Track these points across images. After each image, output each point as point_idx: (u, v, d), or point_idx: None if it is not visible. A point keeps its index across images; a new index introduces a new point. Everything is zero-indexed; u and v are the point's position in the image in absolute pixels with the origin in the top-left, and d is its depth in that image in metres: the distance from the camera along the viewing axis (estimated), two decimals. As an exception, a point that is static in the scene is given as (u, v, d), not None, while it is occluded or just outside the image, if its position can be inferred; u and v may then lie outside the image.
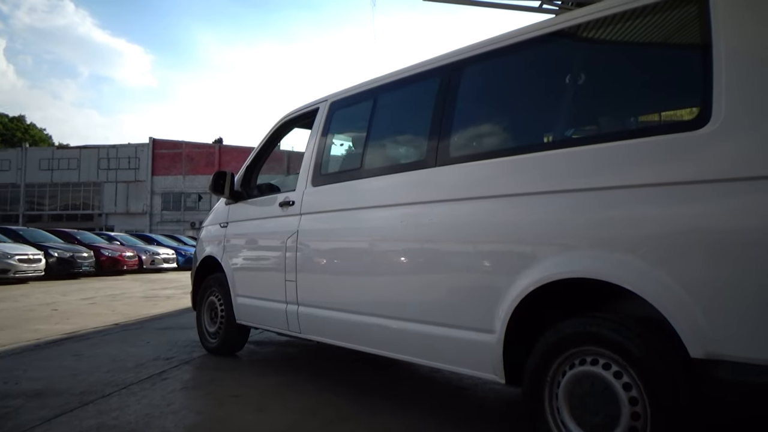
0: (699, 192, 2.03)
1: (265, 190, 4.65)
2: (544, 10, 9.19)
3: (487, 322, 2.60)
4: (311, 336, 3.78)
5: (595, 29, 2.55)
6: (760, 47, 2.00)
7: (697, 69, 2.15)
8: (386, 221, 3.20)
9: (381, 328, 3.15)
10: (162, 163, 49.58)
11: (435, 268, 2.91)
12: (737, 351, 1.89)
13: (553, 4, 9.20)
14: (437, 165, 2.98)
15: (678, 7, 2.27)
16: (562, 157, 2.44)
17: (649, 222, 2.13)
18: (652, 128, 2.34)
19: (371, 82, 3.70)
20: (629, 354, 2.10)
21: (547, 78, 2.74)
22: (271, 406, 3.40)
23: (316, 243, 3.75)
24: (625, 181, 2.22)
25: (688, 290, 2.00)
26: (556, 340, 2.34)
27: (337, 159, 4.01)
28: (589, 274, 2.26)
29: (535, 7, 9.06)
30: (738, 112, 1.99)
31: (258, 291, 4.32)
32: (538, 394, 2.39)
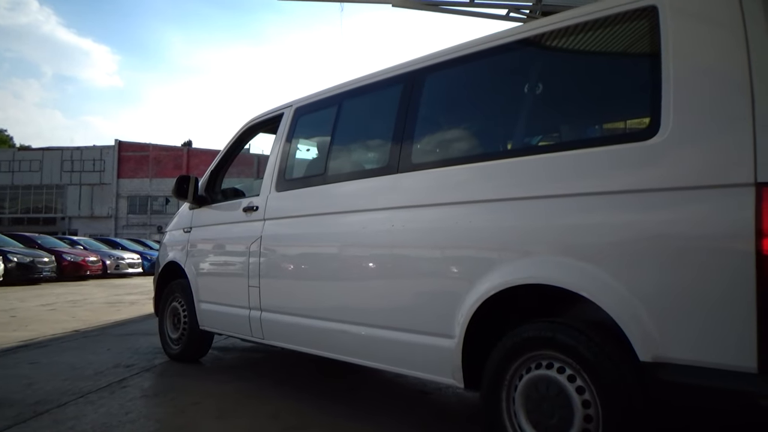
0: (647, 201, 2.09)
1: (230, 195, 4.62)
2: (511, 18, 9.33)
3: (447, 327, 2.63)
4: (274, 342, 3.76)
5: (552, 40, 2.60)
6: (706, 61, 2.08)
7: (648, 81, 2.22)
8: (349, 227, 3.21)
9: (343, 334, 3.16)
10: (128, 166, 48.66)
11: (396, 273, 2.93)
12: (681, 354, 1.95)
13: (521, 13, 9.35)
14: (399, 171, 3.00)
15: (631, 20, 2.35)
16: (519, 166, 2.49)
17: (601, 229, 2.19)
18: (607, 138, 2.41)
19: (335, 88, 3.71)
20: (582, 358, 2.15)
21: (505, 87, 2.79)
22: (232, 413, 3.37)
23: (279, 248, 3.73)
24: (579, 190, 2.27)
25: (637, 296, 2.06)
26: (513, 344, 2.38)
27: (301, 164, 4.00)
28: (543, 280, 2.30)
29: (502, 16, 9.19)
30: (684, 124, 2.06)
31: (221, 297, 4.28)
32: (496, 397, 2.42)
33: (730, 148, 1.94)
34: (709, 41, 2.10)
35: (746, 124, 1.91)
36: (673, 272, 2.00)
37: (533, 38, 2.63)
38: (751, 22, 1.98)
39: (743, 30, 1.99)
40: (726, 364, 1.87)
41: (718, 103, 2.01)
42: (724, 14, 2.05)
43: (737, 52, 1.98)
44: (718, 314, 1.89)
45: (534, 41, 2.64)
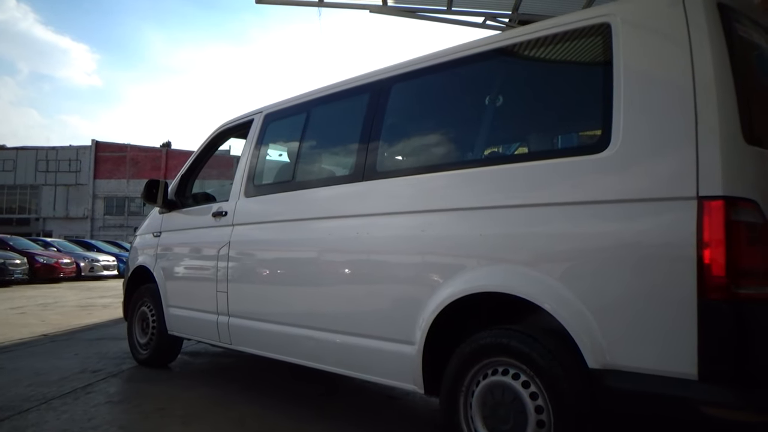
0: (597, 213, 2.16)
1: (201, 200, 4.61)
2: (487, 26, 9.41)
3: (409, 334, 2.67)
4: (241, 348, 3.77)
5: (511, 54, 2.67)
6: (654, 78, 2.15)
7: (601, 95, 2.28)
8: (315, 234, 3.24)
9: (308, 340, 3.19)
10: (105, 167, 48.01)
11: (360, 281, 2.97)
12: (627, 361, 2.02)
13: (497, 21, 9.44)
14: (365, 179, 3.04)
15: (586, 36, 2.42)
16: (476, 176, 2.55)
17: (553, 240, 2.25)
18: (561, 151, 2.48)
19: (305, 95, 3.74)
20: (535, 364, 2.21)
21: (465, 99, 2.85)
22: (197, 419, 3.37)
23: (246, 254, 3.75)
24: (533, 201, 2.34)
25: (586, 305, 2.12)
26: (470, 351, 2.43)
27: (269, 171, 4.02)
28: (498, 289, 2.36)
29: (479, 23, 9.28)
30: (633, 138, 2.13)
31: (190, 302, 4.27)
32: (454, 403, 2.47)
33: (675, 162, 2.02)
34: (657, 58, 2.17)
35: (690, 139, 1.98)
36: (620, 282, 2.07)
37: (492, 52, 2.70)
38: (696, 41, 2.06)
39: (689, 48, 2.06)
40: (669, 371, 1.94)
41: (665, 119, 2.08)
42: (672, 34, 2.13)
43: (683, 70, 2.06)
44: (661, 323, 1.96)
45: (493, 55, 2.70)
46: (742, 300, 1.87)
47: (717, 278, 1.87)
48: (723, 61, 2.03)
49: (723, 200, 1.90)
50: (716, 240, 1.89)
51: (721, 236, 1.88)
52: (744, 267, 1.88)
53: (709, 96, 1.99)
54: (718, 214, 1.90)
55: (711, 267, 1.88)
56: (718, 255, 1.88)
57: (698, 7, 2.09)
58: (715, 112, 1.96)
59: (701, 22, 2.07)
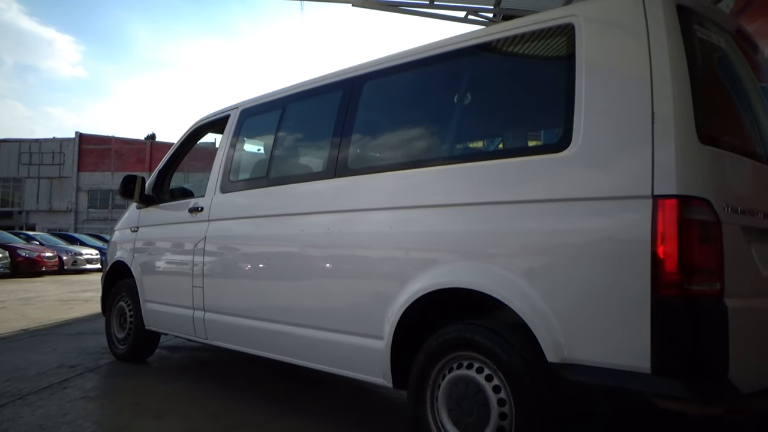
0: (558, 210, 2.21)
1: (178, 195, 4.63)
2: (470, 21, 9.43)
3: (378, 329, 2.72)
4: (217, 342, 3.80)
5: (478, 53, 2.71)
6: (614, 79, 2.20)
7: (564, 95, 2.32)
8: (288, 230, 3.27)
9: (281, 335, 3.23)
10: (89, 159, 47.54)
11: (331, 276, 3.01)
12: (584, 355, 2.08)
13: (480, 16, 9.47)
14: (336, 176, 3.08)
15: (551, 36, 2.46)
16: (443, 174, 2.60)
17: (516, 237, 2.31)
18: (524, 149, 2.53)
19: (280, 91, 3.76)
20: (498, 358, 2.26)
21: (433, 98, 2.89)
22: (171, 414, 3.40)
23: (222, 250, 3.77)
24: (497, 198, 2.39)
25: (547, 300, 2.17)
26: (436, 345, 2.48)
27: (245, 166, 4.04)
28: (463, 285, 2.41)
29: (461, 18, 9.30)
30: (593, 138, 2.18)
31: (166, 297, 4.29)
32: (421, 396, 2.52)
33: (632, 161, 2.07)
34: (617, 59, 2.22)
35: (646, 139, 2.04)
36: (578, 279, 2.12)
37: (460, 51, 2.74)
38: (654, 42, 2.11)
39: (647, 50, 2.11)
40: (623, 365, 2.00)
41: (624, 119, 2.13)
42: (631, 36, 2.18)
43: (642, 71, 2.11)
44: (617, 318, 2.02)
45: (460, 54, 2.74)
46: (694, 296, 1.93)
47: (670, 275, 1.93)
48: (680, 63, 2.08)
49: (676, 199, 1.95)
50: (669, 238, 1.95)
51: (674, 234, 1.94)
52: (695, 264, 1.94)
53: (665, 97, 2.04)
54: (671, 213, 1.95)
55: (664, 264, 1.94)
56: (670, 253, 1.94)
57: (658, 9, 2.14)
58: (671, 112, 2.02)
59: (660, 24, 2.12)
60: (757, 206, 2.23)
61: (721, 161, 2.13)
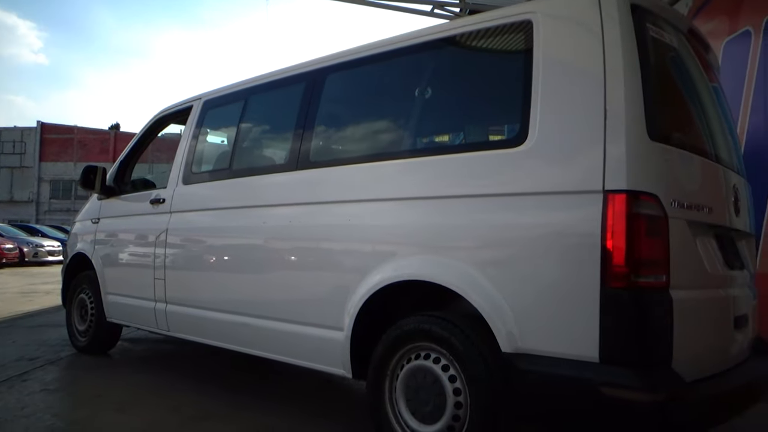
0: (513, 204, 2.26)
1: (140, 186, 4.58)
2: (436, 15, 9.47)
3: (338, 320, 2.74)
4: (179, 334, 3.79)
5: (439, 47, 2.74)
6: (569, 75, 2.26)
7: (521, 91, 2.36)
8: (250, 222, 3.27)
9: (242, 326, 3.23)
10: (51, 149, 46.26)
11: (292, 268, 3.03)
12: (537, 346, 2.14)
13: (446, 10, 9.51)
14: (299, 168, 3.08)
15: (510, 32, 2.50)
16: (402, 168, 2.63)
17: (473, 230, 2.35)
18: (482, 144, 2.58)
19: (243, 82, 3.74)
20: (454, 349, 2.31)
21: (394, 92, 2.93)
22: (133, 406, 3.38)
23: (183, 241, 3.75)
24: (455, 192, 2.43)
25: (501, 292, 2.23)
26: (395, 336, 2.52)
27: (208, 158, 4.02)
28: (421, 277, 2.45)
29: (427, 12, 9.33)
30: (548, 133, 2.23)
31: (128, 289, 4.25)
32: (380, 386, 2.56)
33: (586, 156, 2.13)
34: (572, 57, 2.27)
35: (599, 135, 2.10)
36: (532, 271, 2.18)
37: (421, 45, 2.77)
38: (608, 40, 2.16)
39: (602, 48, 2.17)
40: (574, 354, 2.06)
41: (578, 115, 2.19)
42: (586, 34, 2.24)
43: (595, 69, 2.16)
44: (568, 310, 2.09)
45: (421, 48, 2.77)
46: (641, 288, 2.00)
47: (618, 268, 2.00)
48: (632, 61, 2.14)
49: (626, 194, 2.02)
50: (618, 232, 2.01)
51: (622, 228, 2.01)
52: (643, 257, 2.01)
53: (617, 94, 2.10)
54: (620, 207, 2.02)
55: (613, 257, 2.01)
56: (619, 246, 2.00)
57: (612, 8, 2.19)
58: (622, 109, 2.08)
59: (614, 22, 2.17)
60: (704, 201, 2.32)
61: (670, 158, 2.20)
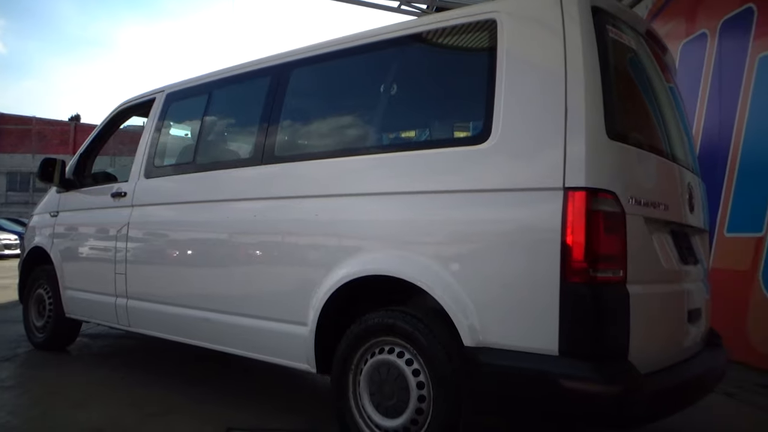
0: (477, 200, 2.30)
1: (101, 179, 4.48)
2: (403, 11, 9.50)
3: (302, 315, 2.74)
4: (140, 330, 3.73)
5: (405, 44, 2.76)
6: (531, 74, 2.30)
7: (485, 89, 2.39)
8: (214, 216, 3.24)
9: (205, 322, 3.21)
10: (8, 140, 44.75)
11: (255, 262, 3.02)
12: (498, 339, 2.18)
13: (413, 6, 9.53)
14: (263, 163, 3.06)
15: (475, 31, 2.53)
16: (367, 163, 2.65)
17: (437, 226, 2.39)
18: (447, 140, 2.61)
19: (208, 75, 3.70)
20: (418, 343, 2.33)
21: (360, 87, 2.94)
22: (92, 402, 3.31)
23: (145, 236, 3.70)
24: (420, 188, 2.45)
25: (463, 287, 2.26)
26: (359, 331, 2.53)
27: (171, 151, 3.97)
28: (386, 272, 2.47)
29: (394, 8, 9.35)
30: (511, 131, 2.27)
31: (88, 284, 4.16)
32: (344, 381, 2.57)
33: (547, 154, 2.18)
34: (535, 56, 2.31)
35: (559, 134, 2.14)
36: (494, 266, 2.22)
37: (387, 42, 2.78)
38: (569, 41, 2.21)
39: (563, 48, 2.21)
40: (534, 347, 2.11)
41: (540, 113, 2.23)
42: (548, 34, 2.28)
43: (557, 68, 2.21)
44: (528, 304, 2.13)
45: (388, 44, 2.78)
46: (599, 282, 2.06)
47: (577, 263, 2.05)
48: (593, 61, 2.19)
49: (585, 191, 2.07)
50: (578, 228, 2.06)
51: (582, 225, 2.06)
52: (601, 253, 2.07)
53: (577, 93, 2.15)
54: (580, 204, 2.07)
55: (572, 252, 2.06)
56: (578, 241, 2.06)
57: (574, 9, 2.23)
58: (582, 109, 2.13)
59: (576, 23, 2.22)
60: (660, 199, 2.39)
61: (628, 156, 2.27)
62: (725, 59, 5.08)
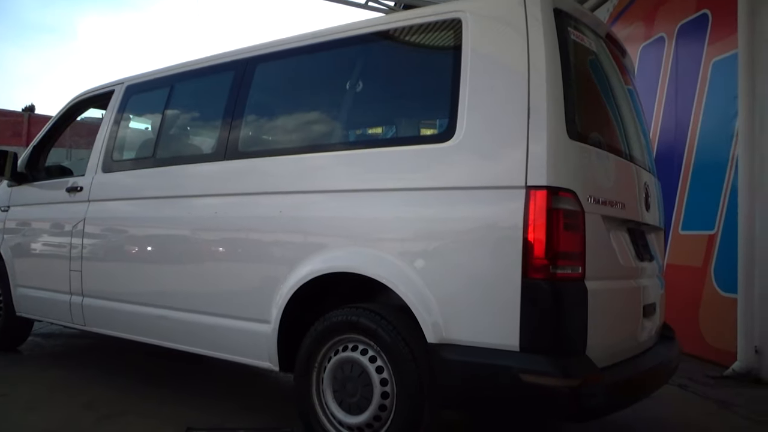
0: (441, 198, 2.31)
1: (55, 173, 4.35)
2: (370, 7, 9.49)
3: (264, 313, 2.71)
4: (95, 328, 3.64)
5: (371, 41, 2.76)
6: (495, 74, 2.32)
7: (450, 87, 2.41)
8: (174, 212, 3.18)
9: (164, 320, 3.15)
10: (-44, 131, 43.03)
11: (216, 259, 2.98)
12: (461, 336, 2.20)
13: (380, 3, 9.53)
14: (226, 159, 3.02)
15: (441, 29, 2.54)
16: (332, 160, 2.64)
17: (401, 223, 2.39)
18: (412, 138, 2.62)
19: (170, 68, 3.62)
20: (381, 340, 2.33)
21: (326, 84, 2.92)
22: (45, 404, 3.22)
23: (103, 232, 3.60)
24: (384, 185, 2.45)
25: (427, 283, 2.27)
26: (323, 328, 2.51)
27: (130, 145, 3.88)
28: (349, 269, 2.46)
29: (361, 4, 9.33)
30: (475, 129, 2.29)
31: (41, 281, 4.03)
32: (307, 379, 2.55)
33: (510, 153, 2.20)
34: (500, 56, 2.34)
35: (522, 133, 2.17)
36: (459, 264, 2.24)
37: (353, 38, 2.77)
38: (533, 42, 2.24)
39: (526, 49, 2.24)
40: (496, 343, 2.14)
41: (503, 113, 2.26)
42: (512, 35, 2.31)
43: (520, 69, 2.23)
44: (492, 300, 2.16)
45: (353, 41, 2.78)
46: (558, 279, 2.10)
47: (538, 260, 2.09)
48: (555, 62, 2.23)
49: (546, 190, 2.11)
50: (539, 226, 2.10)
51: (543, 222, 2.10)
52: (560, 250, 2.11)
53: (540, 94, 2.18)
54: (541, 203, 2.11)
55: (533, 249, 2.09)
56: (539, 239, 2.09)
57: (537, 10, 2.26)
58: (544, 109, 2.16)
59: (539, 24, 2.25)
60: (617, 198, 2.45)
61: (588, 156, 2.31)
62: (682, 63, 5.23)
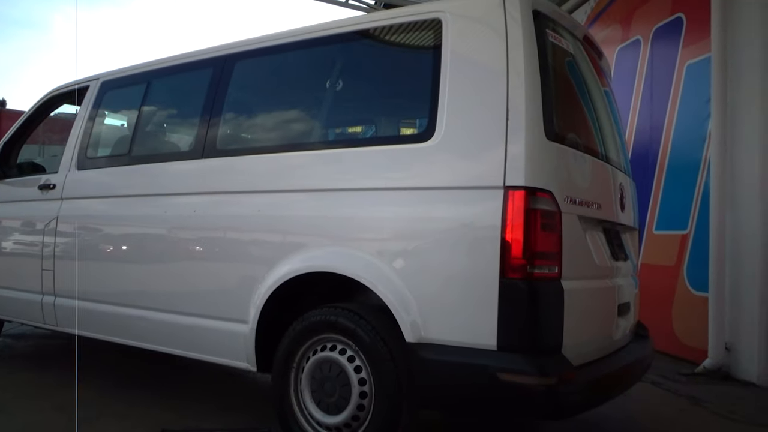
0: (420, 198, 2.32)
1: (27, 170, 4.24)
2: (350, 6, 9.47)
3: (242, 313, 2.68)
4: (69, 329, 3.56)
5: (351, 40, 2.75)
6: (474, 74, 2.33)
7: (430, 87, 2.41)
8: (151, 211, 3.13)
9: (139, 320, 3.10)
10: (-77, 126, 41.93)
11: (196, 259, 2.95)
12: (439, 335, 2.21)
13: (361, 2, 9.51)
14: (204, 157, 2.98)
15: (421, 29, 2.54)
16: (309, 159, 2.63)
17: (380, 223, 2.40)
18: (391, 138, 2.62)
19: (147, 64, 3.57)
20: (360, 340, 2.33)
21: (305, 83, 2.91)
22: (15, 406, 3.15)
23: (76, 231, 3.53)
24: (364, 185, 2.45)
25: (406, 283, 2.28)
26: (301, 328, 2.50)
27: (105, 142, 3.81)
28: (327, 268, 2.46)
29: (342, 2, 9.31)
30: (454, 130, 2.29)
31: (11, 281, 3.94)
32: (285, 379, 2.54)
33: (489, 153, 2.22)
34: (479, 56, 2.36)
35: (501, 134, 2.19)
36: (438, 263, 2.25)
37: (332, 37, 2.76)
38: (511, 44, 2.25)
39: (505, 50, 2.26)
40: (474, 343, 2.15)
41: (482, 113, 2.27)
42: (491, 36, 2.32)
43: (499, 70, 2.25)
44: (470, 300, 2.17)
45: (333, 40, 2.77)
46: (535, 278, 2.12)
47: (515, 259, 2.10)
48: (533, 64, 2.25)
49: (524, 190, 2.12)
50: (517, 226, 2.11)
51: (521, 222, 2.11)
52: (538, 250, 2.13)
53: (518, 95, 2.20)
54: (519, 203, 2.12)
55: (511, 249, 2.11)
56: (517, 239, 2.11)
57: (516, 12, 2.28)
58: (523, 110, 2.18)
59: (518, 25, 2.26)
60: (593, 198, 2.48)
61: (565, 157, 2.34)
62: (657, 65, 5.32)
